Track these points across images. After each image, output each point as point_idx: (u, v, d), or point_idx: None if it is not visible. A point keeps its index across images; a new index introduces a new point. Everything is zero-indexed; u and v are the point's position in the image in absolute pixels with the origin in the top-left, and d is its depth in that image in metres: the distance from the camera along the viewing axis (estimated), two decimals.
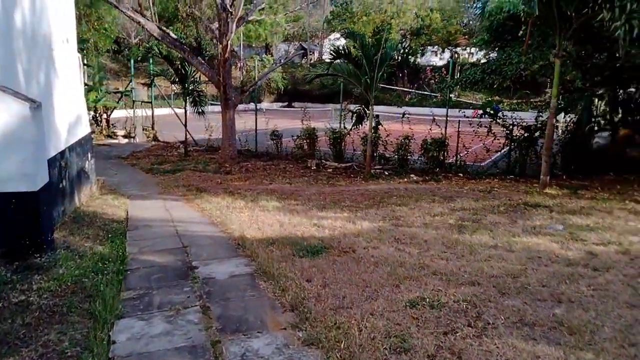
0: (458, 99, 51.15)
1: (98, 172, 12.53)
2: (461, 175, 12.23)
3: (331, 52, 11.43)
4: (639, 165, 11.71)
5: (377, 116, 13.33)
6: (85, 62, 22.80)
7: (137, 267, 5.21)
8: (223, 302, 4.31)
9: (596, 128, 12.70)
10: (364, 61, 11.50)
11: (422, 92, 49.21)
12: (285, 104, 54.27)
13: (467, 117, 13.22)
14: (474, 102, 49.00)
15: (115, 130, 20.48)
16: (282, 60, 20.05)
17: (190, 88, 15.69)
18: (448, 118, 13.36)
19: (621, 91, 12.26)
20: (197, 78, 16.77)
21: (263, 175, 12.53)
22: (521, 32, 10.84)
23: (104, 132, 20.30)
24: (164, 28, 13.35)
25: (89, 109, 19.18)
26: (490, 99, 48.32)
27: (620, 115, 12.44)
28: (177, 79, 16.32)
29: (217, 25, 12.75)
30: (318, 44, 63.19)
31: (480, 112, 38.29)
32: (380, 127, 13.74)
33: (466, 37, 52.89)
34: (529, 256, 5.48)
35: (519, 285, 4.58)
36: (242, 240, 6.01)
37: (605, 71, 10.73)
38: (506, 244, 5.93)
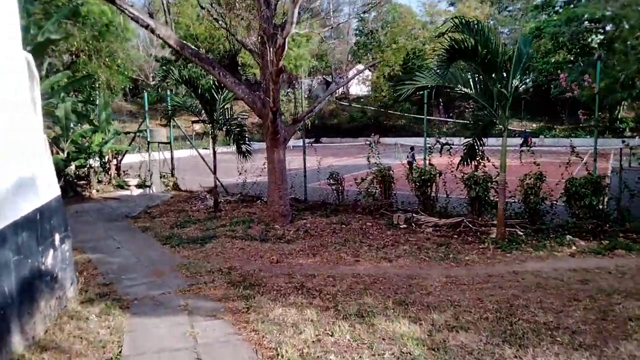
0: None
1: (94, 244, 8.54)
2: None
3: (447, 47, 7.24)
4: None
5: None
6: (95, 100, 19.47)
7: None
8: None
9: None
10: (494, 64, 7.34)
11: (463, 121, 45.15)
12: (313, 140, 50.72)
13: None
14: (519, 129, 44.70)
15: (126, 179, 16.65)
16: (338, 85, 16.10)
17: (222, 120, 11.74)
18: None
19: None
20: (227, 108, 12.87)
21: (336, 243, 8.25)
22: None
23: (114, 181, 16.49)
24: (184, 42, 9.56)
25: (92, 153, 15.47)
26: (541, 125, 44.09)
27: None
28: (202, 111, 12.43)
29: (260, 30, 8.89)
30: (343, 77, 60.11)
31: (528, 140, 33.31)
32: (482, 162, 9.58)
33: None
34: None
35: None
36: None
37: None
38: None
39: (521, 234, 8.44)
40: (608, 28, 39.69)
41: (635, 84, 32.79)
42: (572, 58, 40.56)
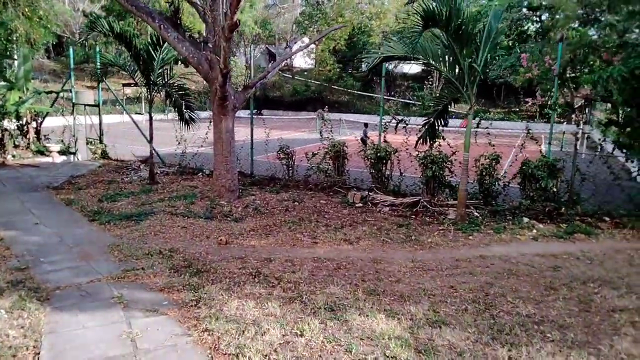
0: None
1: (7, 219, 7.33)
2: (607, 219, 7.82)
3: (420, 14, 6.68)
4: None
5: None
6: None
7: None
8: None
9: None
10: (466, 36, 6.90)
11: (405, 101, 45.63)
12: (254, 111, 49.11)
13: None
14: (459, 111, 45.99)
15: (48, 145, 14.86)
16: (294, 52, 15.11)
17: (160, 82, 10.53)
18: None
19: None
20: (167, 70, 11.62)
21: (290, 223, 7.60)
22: None
23: (32, 146, 14.65)
24: None
25: (7, 113, 13.55)
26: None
27: None
28: (137, 71, 11.09)
29: None
30: (287, 47, 58.30)
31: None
32: (438, 140, 9.29)
33: None
34: None
35: None
36: None
37: None
38: None
39: (477, 215, 8.25)
40: (544, 17, 41.21)
41: (566, 73, 34.53)
42: (510, 44, 41.81)
